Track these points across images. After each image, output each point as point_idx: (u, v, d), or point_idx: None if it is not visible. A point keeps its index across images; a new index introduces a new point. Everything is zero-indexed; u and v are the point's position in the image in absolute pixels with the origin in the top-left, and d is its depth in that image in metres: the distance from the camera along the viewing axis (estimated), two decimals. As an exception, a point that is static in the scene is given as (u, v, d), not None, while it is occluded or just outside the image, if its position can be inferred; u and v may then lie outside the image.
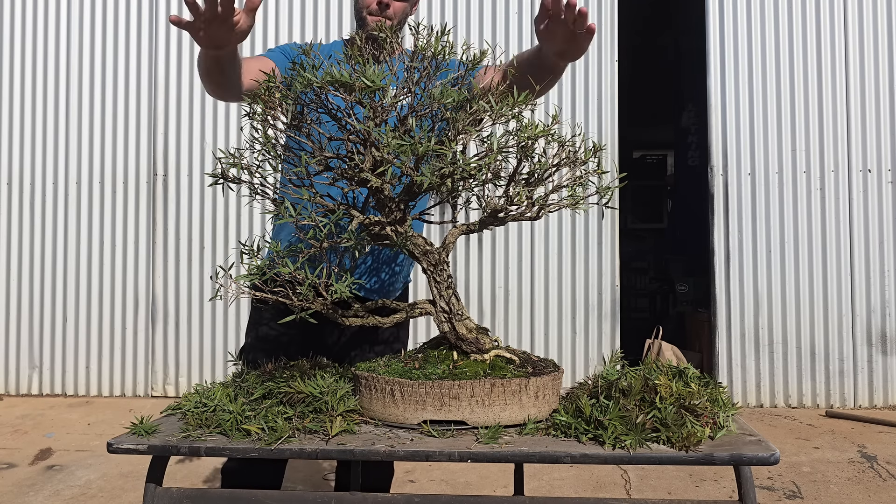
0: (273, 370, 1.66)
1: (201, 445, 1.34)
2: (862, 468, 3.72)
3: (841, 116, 5.18)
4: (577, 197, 1.49)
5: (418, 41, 1.46)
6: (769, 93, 5.21)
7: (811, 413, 4.92)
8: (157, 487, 1.37)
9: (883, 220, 5.12)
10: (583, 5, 5.30)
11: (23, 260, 5.60)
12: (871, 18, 5.19)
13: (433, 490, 3.40)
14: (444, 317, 1.49)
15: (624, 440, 1.27)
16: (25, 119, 5.65)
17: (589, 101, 5.34)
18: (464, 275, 5.32)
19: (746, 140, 5.21)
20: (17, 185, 5.63)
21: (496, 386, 1.37)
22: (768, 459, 1.25)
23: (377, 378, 1.42)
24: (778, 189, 5.18)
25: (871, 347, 5.08)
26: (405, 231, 1.48)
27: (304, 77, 1.39)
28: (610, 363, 1.59)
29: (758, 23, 5.23)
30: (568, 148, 1.48)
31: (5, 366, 5.58)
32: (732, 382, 5.11)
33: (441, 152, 1.36)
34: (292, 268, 1.42)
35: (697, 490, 3.42)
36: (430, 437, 1.35)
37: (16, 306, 5.59)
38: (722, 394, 1.47)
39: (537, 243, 5.32)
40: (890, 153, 5.14)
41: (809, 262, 5.13)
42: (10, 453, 4.05)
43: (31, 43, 5.67)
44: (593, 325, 5.27)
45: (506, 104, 1.43)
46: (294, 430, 1.37)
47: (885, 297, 5.08)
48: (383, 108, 1.40)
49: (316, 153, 1.46)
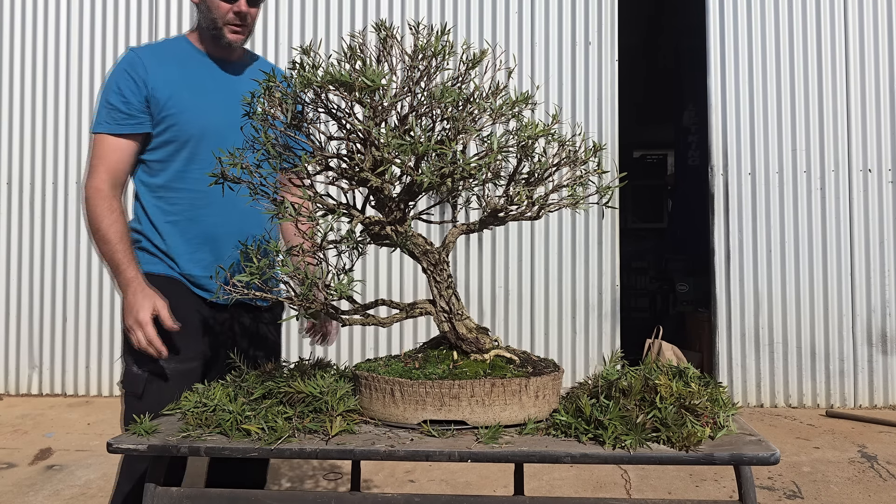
0: (273, 370, 1.66)
1: (201, 445, 1.34)
2: (862, 468, 3.72)
3: (841, 116, 5.17)
4: (577, 196, 1.49)
5: (418, 41, 1.46)
6: (769, 92, 5.20)
7: (811, 413, 4.92)
8: (158, 487, 1.37)
9: (883, 220, 5.11)
10: (581, 7, 5.31)
11: (23, 260, 5.60)
12: (871, 18, 5.19)
13: (433, 490, 3.40)
14: (444, 316, 1.49)
15: (624, 440, 1.27)
16: (25, 119, 5.65)
17: (589, 101, 5.33)
18: (464, 275, 5.32)
19: (746, 140, 5.21)
20: (17, 185, 5.63)
21: (496, 386, 1.37)
22: (768, 459, 1.25)
23: (377, 378, 1.42)
24: (778, 189, 5.18)
25: (871, 347, 5.08)
26: (405, 231, 1.47)
27: (303, 77, 1.39)
28: (610, 363, 1.59)
29: (758, 23, 5.23)
30: (568, 147, 1.47)
31: (5, 366, 5.58)
32: (732, 382, 5.11)
33: (441, 151, 1.36)
34: (292, 268, 1.42)
35: (697, 490, 3.41)
36: (430, 437, 1.35)
37: (16, 306, 5.59)
38: (722, 394, 1.47)
39: (537, 243, 5.31)
40: (890, 153, 5.14)
41: (809, 262, 5.13)
42: (10, 453, 4.05)
43: (31, 43, 5.67)
44: (593, 324, 5.27)
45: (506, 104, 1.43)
46: (294, 430, 1.37)
47: (885, 297, 5.08)
48: (383, 108, 1.40)
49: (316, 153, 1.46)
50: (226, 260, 1.96)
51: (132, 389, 1.90)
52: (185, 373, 1.90)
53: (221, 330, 2.01)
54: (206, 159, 1.91)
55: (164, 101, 1.92)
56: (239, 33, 1.97)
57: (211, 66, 2.02)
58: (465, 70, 1.49)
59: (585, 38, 5.35)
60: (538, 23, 5.38)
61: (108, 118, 1.91)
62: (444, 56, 1.45)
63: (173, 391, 1.70)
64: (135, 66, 1.93)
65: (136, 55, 1.96)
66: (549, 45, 5.37)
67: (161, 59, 1.97)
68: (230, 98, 1.95)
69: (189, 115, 1.94)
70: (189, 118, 1.94)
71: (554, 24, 5.37)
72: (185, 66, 1.99)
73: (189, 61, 2.01)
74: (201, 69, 2.01)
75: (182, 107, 1.94)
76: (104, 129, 1.92)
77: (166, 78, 1.94)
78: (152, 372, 1.89)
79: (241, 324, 2.05)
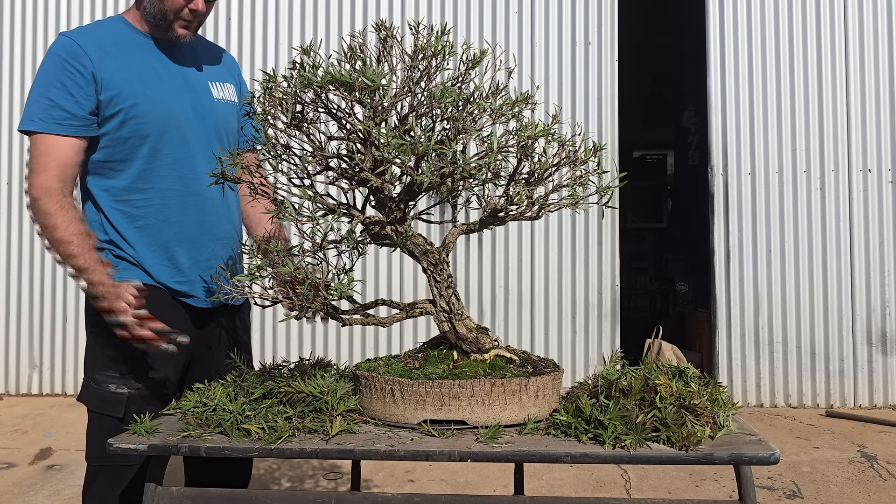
0: (272, 369, 1.66)
1: (201, 445, 1.34)
2: (862, 468, 3.72)
3: (841, 116, 5.17)
4: (577, 196, 1.49)
5: (418, 41, 1.46)
6: (769, 92, 5.21)
7: (811, 413, 4.92)
8: (158, 487, 1.37)
9: (883, 220, 5.11)
10: (581, 7, 5.31)
11: (23, 260, 5.60)
12: (871, 18, 5.19)
13: (433, 490, 3.40)
14: (444, 316, 1.49)
15: (624, 440, 1.27)
16: (25, 119, 5.64)
17: (589, 101, 5.34)
18: (464, 275, 5.32)
19: (746, 140, 5.21)
20: (17, 185, 5.62)
21: (496, 385, 1.37)
22: (768, 459, 1.25)
23: (377, 378, 1.42)
24: (778, 189, 5.18)
25: (871, 347, 5.08)
26: (405, 231, 1.48)
27: (303, 76, 1.39)
28: (610, 363, 1.59)
29: (758, 23, 5.23)
30: (568, 147, 1.48)
31: (5, 366, 5.58)
32: (732, 382, 5.11)
33: (441, 151, 1.36)
34: (292, 267, 1.42)
35: (697, 490, 3.41)
36: (430, 437, 1.35)
37: (16, 306, 5.58)
38: (722, 393, 1.47)
39: (537, 243, 5.31)
40: (890, 153, 5.14)
41: (809, 262, 5.13)
42: (10, 453, 4.05)
43: (31, 43, 5.67)
44: (593, 324, 5.27)
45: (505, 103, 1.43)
46: (294, 430, 1.37)
47: (885, 296, 5.08)
48: (383, 108, 1.40)
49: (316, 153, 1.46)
50: (204, 261, 1.85)
51: (110, 411, 1.72)
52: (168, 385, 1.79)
53: (201, 335, 1.89)
54: (172, 154, 1.80)
55: (115, 95, 1.73)
56: (189, 28, 1.82)
57: (156, 52, 1.83)
58: (465, 70, 1.49)
59: (585, 38, 5.35)
60: (538, 23, 5.38)
61: (47, 116, 1.70)
62: (444, 56, 1.45)
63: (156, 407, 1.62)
64: (78, 57, 1.71)
65: (75, 43, 1.73)
66: (549, 45, 5.37)
67: (103, 47, 1.75)
68: (184, 84, 1.85)
69: (146, 108, 1.76)
70: (146, 111, 1.76)
71: (554, 24, 5.37)
72: (129, 52, 1.79)
73: (133, 48, 1.80)
74: (149, 56, 1.81)
75: (136, 99, 1.74)
76: (44, 129, 1.70)
77: (113, 68, 1.74)
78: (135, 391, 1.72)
79: (220, 327, 1.95)
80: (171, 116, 1.79)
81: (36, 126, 1.70)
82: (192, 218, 1.84)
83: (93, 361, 1.78)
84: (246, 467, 2.06)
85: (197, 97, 1.87)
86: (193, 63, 1.90)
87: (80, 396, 1.78)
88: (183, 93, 1.83)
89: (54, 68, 1.71)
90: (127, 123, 1.75)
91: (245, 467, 2.05)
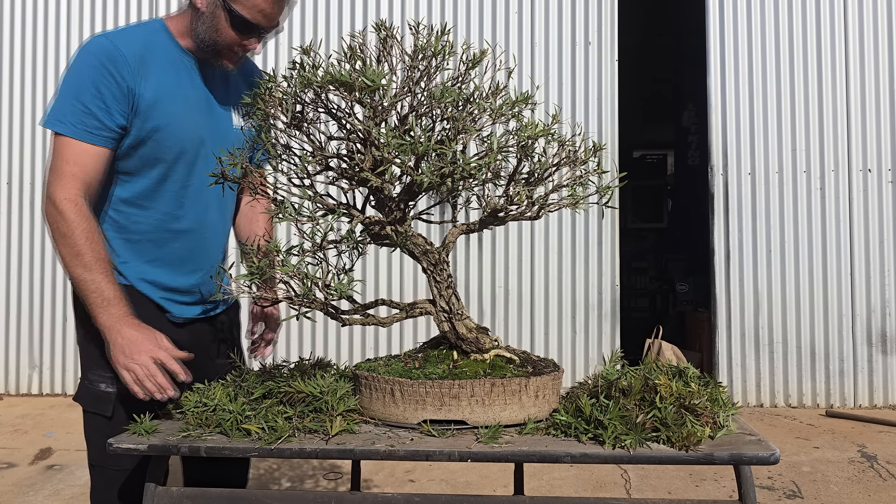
0: (272, 369, 1.66)
1: (201, 445, 1.34)
2: (862, 468, 3.72)
3: (841, 116, 5.17)
4: (577, 196, 1.49)
5: (418, 41, 1.46)
6: (769, 92, 5.21)
7: (811, 413, 4.92)
8: (158, 487, 1.37)
9: (883, 220, 5.11)
10: (581, 7, 5.31)
11: (23, 260, 5.60)
12: (871, 18, 5.19)
13: (433, 490, 3.40)
14: (444, 316, 1.49)
15: (624, 440, 1.27)
16: (25, 119, 5.64)
17: (589, 101, 5.34)
18: (464, 275, 5.32)
19: (746, 140, 5.21)
20: (17, 185, 5.62)
21: (496, 385, 1.37)
22: (768, 459, 1.25)
23: (377, 378, 1.42)
24: (778, 189, 5.18)
25: (871, 347, 5.08)
26: (405, 231, 1.48)
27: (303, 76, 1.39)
28: (610, 363, 1.59)
29: (758, 23, 5.23)
30: (568, 147, 1.48)
31: (5, 366, 5.58)
32: (732, 382, 5.11)
33: (441, 151, 1.36)
34: (291, 267, 1.42)
35: (697, 490, 3.41)
36: (430, 437, 1.35)
37: (16, 306, 5.58)
38: (722, 393, 1.47)
39: (537, 243, 5.31)
40: (890, 153, 5.14)
41: (809, 262, 5.13)
42: (10, 453, 4.05)
43: (31, 43, 5.67)
44: (593, 324, 5.27)
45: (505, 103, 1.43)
46: (294, 430, 1.37)
47: (885, 297, 5.08)
48: (383, 108, 1.40)
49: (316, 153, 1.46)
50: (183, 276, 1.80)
51: (99, 410, 1.70)
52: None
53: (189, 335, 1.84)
54: (180, 180, 1.75)
55: (148, 111, 1.66)
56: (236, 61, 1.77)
57: (190, 71, 1.77)
58: (465, 70, 1.49)
59: (585, 38, 5.35)
60: (538, 23, 5.38)
61: (79, 122, 1.61)
62: (444, 56, 1.45)
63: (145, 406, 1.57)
64: (116, 64, 1.63)
65: (115, 47, 1.64)
66: (549, 45, 5.37)
67: (142, 59, 1.67)
68: (206, 108, 1.79)
69: (166, 134, 1.70)
70: (165, 136, 1.70)
71: (554, 24, 5.37)
72: (165, 71, 1.71)
73: (169, 66, 1.73)
74: (182, 74, 1.75)
75: (159, 122, 1.68)
76: (76, 136, 1.62)
77: (149, 88, 1.67)
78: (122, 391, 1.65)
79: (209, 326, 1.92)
80: (188, 142, 1.74)
81: (68, 131, 1.62)
82: (184, 244, 1.80)
83: (85, 360, 1.76)
84: (245, 467, 2.06)
85: (216, 122, 1.81)
86: (223, 85, 1.84)
87: (76, 395, 1.77)
88: (204, 118, 1.77)
89: (90, 71, 1.63)
90: (145, 144, 1.70)
91: (244, 467, 2.05)
